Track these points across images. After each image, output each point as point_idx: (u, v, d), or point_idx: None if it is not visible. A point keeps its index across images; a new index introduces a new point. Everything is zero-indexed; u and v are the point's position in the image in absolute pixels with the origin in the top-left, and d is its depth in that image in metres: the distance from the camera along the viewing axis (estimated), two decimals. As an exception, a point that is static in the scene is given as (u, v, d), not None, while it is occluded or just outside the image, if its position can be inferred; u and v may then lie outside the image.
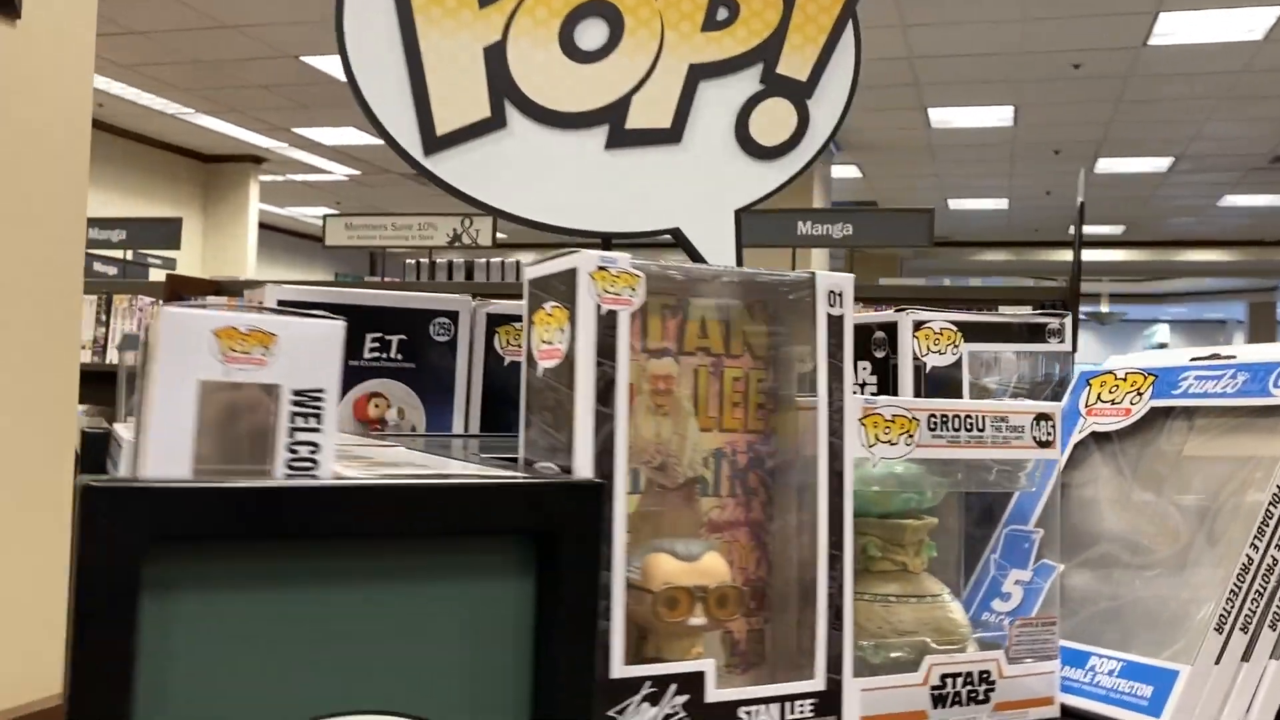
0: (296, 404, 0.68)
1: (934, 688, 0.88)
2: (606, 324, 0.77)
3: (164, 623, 0.61)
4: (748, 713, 0.80)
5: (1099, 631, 0.97)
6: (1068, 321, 1.23)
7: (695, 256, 1.22)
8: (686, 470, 0.89)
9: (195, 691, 0.61)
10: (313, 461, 0.69)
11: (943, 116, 10.52)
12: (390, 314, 1.28)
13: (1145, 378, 1.09)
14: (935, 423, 0.89)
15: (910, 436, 0.89)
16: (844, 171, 12.81)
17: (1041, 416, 0.94)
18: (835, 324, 0.86)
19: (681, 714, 0.77)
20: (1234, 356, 1.05)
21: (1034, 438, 0.94)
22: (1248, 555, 0.90)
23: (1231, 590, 0.90)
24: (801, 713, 0.82)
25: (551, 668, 0.69)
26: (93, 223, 5.18)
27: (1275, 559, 0.91)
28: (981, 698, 0.90)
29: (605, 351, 0.76)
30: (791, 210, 4.46)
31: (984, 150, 11.78)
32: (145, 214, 9.79)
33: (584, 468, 0.75)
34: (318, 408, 0.68)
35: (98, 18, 1.98)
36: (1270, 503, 0.91)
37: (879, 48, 8.18)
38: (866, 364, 1.18)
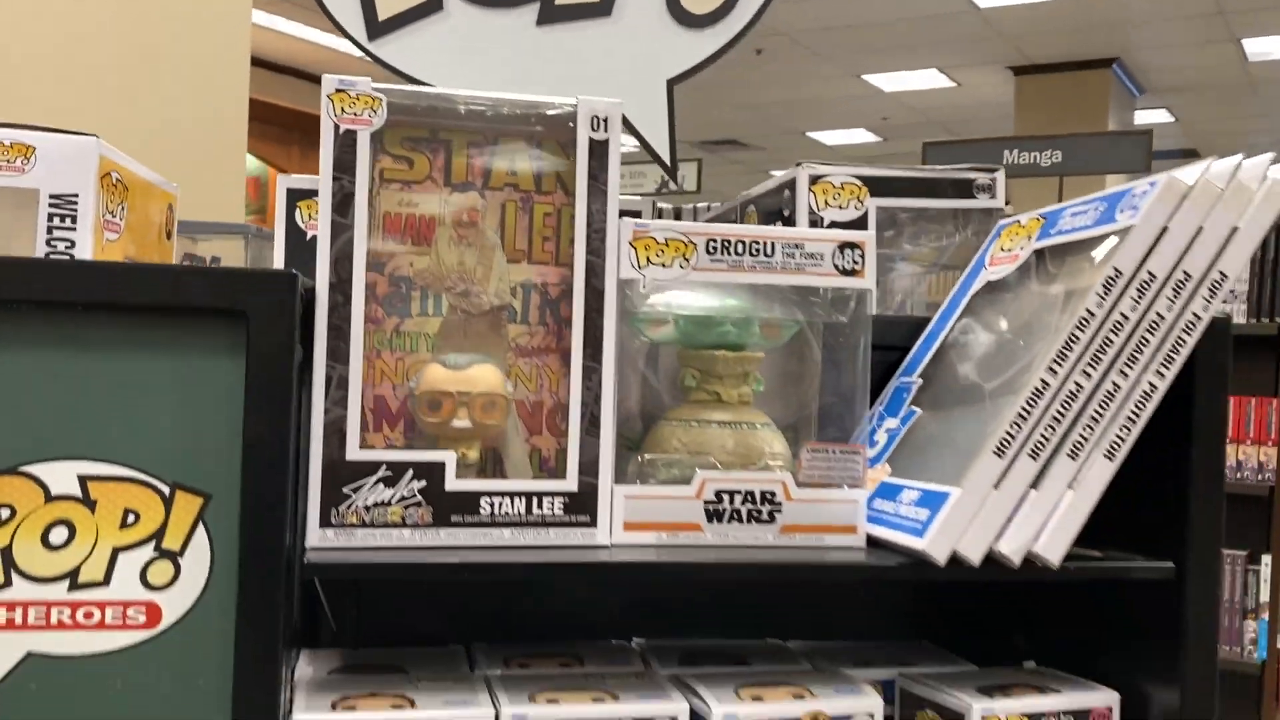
0: (53, 206, 0.81)
1: (708, 502, 0.90)
2: (345, 143, 0.85)
3: (-86, 369, 0.76)
4: (490, 503, 0.87)
5: (925, 466, 0.95)
6: (999, 176, 1.17)
7: (630, 130, 1.27)
8: (492, 298, 0.96)
9: (-60, 426, 0.76)
10: (69, 256, 0.82)
11: (1261, 48, 9.48)
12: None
13: (1039, 221, 1.04)
14: (714, 247, 0.91)
15: (686, 260, 0.91)
16: (1152, 117, 11.82)
17: (847, 245, 0.93)
18: (598, 147, 0.90)
19: (418, 499, 0.85)
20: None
21: (836, 265, 0.93)
22: (1042, 380, 0.86)
23: (1019, 415, 0.86)
24: (550, 509, 0.87)
25: (250, 432, 0.79)
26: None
27: (1079, 385, 0.86)
28: (765, 517, 0.91)
29: (343, 167, 0.85)
30: (996, 139, 4.21)
31: (1319, 84, 10.51)
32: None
33: (322, 274, 0.84)
34: (73, 209, 0.82)
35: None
36: (1075, 328, 0.87)
37: (1171, -26, 7.50)
38: (778, 225, 1.19)
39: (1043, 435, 0.86)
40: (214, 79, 2.25)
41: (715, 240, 0.91)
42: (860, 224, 1.14)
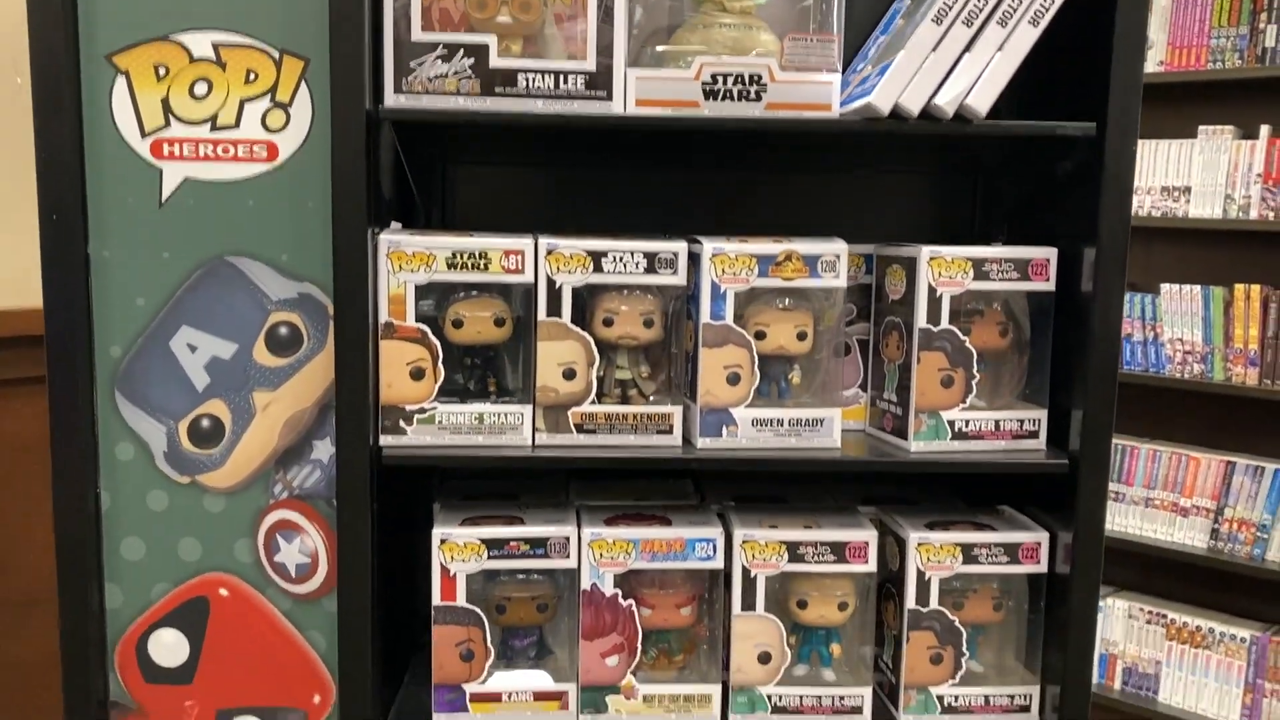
0: None
1: (705, 83, 1.10)
2: None
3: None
4: (526, 79, 1.09)
5: (892, 52, 1.12)
6: None
7: None
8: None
9: None
10: (197, -123, 1.06)
11: None
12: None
13: None
14: None
15: (686, -125, 1.09)
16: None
17: None
18: None
19: (469, 73, 1.08)
20: None
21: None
22: (979, -39, 1.02)
23: (956, -13, 1.02)
24: (574, 85, 1.09)
25: (335, 8, 1.02)
26: None
27: (1010, -33, 1.02)
28: (753, 96, 1.10)
29: None
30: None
31: None
32: None
33: (389, -112, 1.06)
34: None
35: None
36: (1010, -87, 1.01)
37: None
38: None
39: (976, 5, 1.02)
40: None
41: None
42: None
